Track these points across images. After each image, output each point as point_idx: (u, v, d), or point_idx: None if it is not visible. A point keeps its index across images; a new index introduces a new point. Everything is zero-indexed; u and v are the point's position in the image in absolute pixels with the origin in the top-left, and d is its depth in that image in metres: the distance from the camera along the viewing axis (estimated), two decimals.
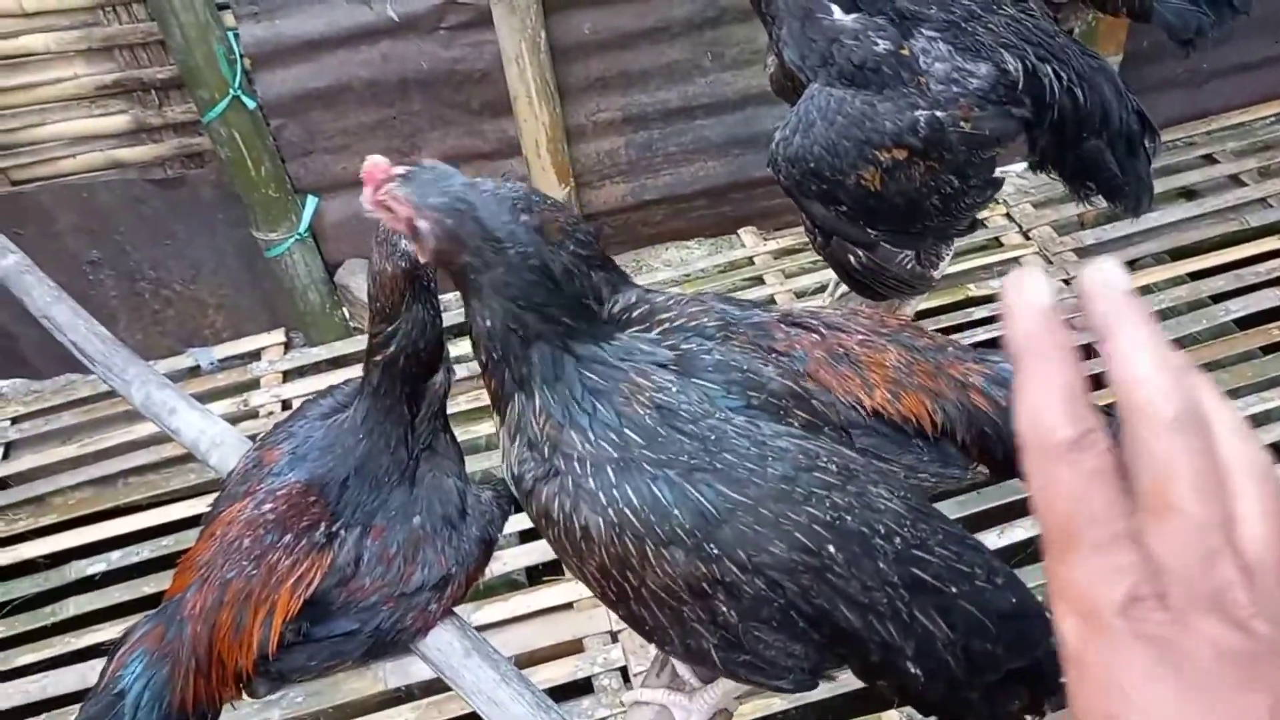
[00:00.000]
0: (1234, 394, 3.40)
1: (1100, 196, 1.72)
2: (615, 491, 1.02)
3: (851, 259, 1.72)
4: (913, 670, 1.07)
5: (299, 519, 1.54)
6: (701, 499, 1.01)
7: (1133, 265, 3.95)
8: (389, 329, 1.50)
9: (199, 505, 3.40)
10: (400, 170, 1.08)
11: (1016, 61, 1.53)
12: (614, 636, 3.01)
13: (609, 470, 1.03)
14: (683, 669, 1.53)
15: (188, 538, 3.30)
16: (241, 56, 3.27)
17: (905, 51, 1.54)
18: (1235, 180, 4.12)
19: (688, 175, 3.85)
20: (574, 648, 3.03)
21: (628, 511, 1.01)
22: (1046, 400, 0.50)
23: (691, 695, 1.46)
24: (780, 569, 1.01)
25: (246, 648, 1.47)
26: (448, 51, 3.45)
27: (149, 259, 3.72)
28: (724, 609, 1.02)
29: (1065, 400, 0.50)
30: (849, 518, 1.03)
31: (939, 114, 1.53)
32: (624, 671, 2.93)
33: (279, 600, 1.50)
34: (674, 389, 1.07)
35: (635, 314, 1.19)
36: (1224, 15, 1.98)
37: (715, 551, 1.00)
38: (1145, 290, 3.80)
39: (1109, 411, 0.57)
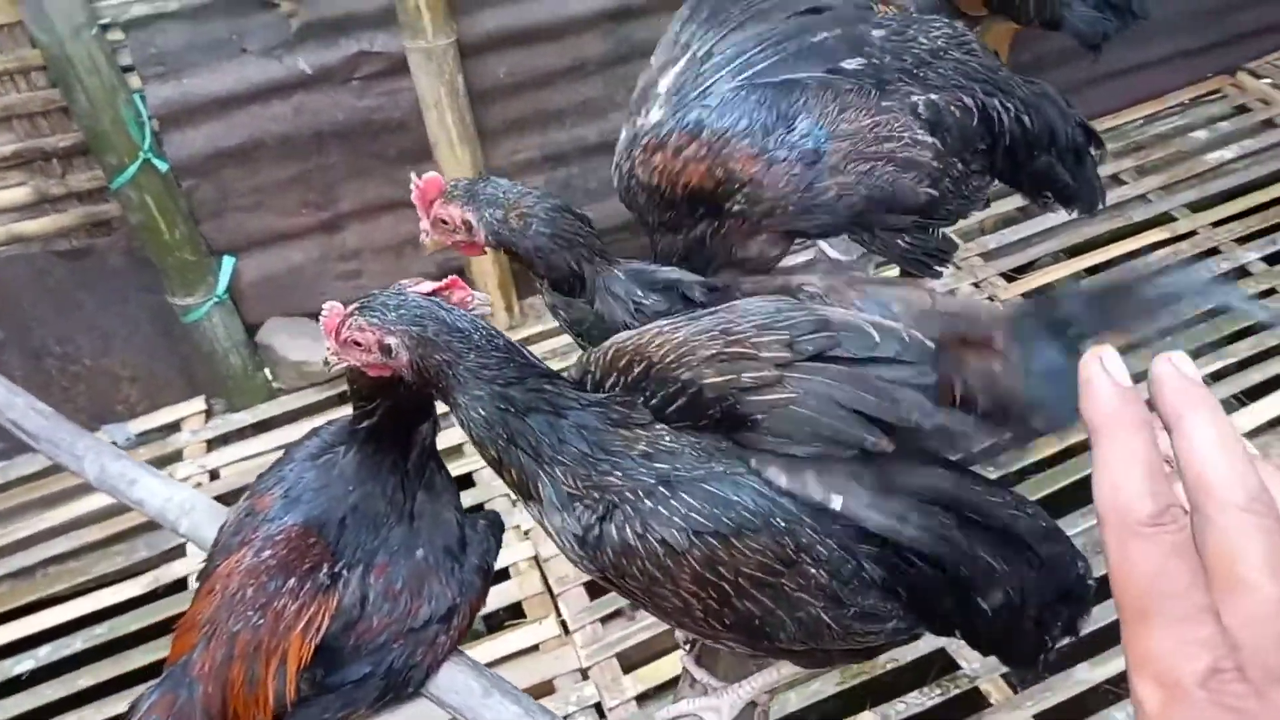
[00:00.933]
0: (1138, 379, 3.60)
1: (1057, 203, 1.82)
2: (674, 502, 1.05)
3: None
4: (981, 606, 1.11)
5: (301, 561, 1.49)
6: (755, 486, 1.05)
7: (1033, 265, 4.17)
8: (369, 406, 1.49)
9: (130, 589, 3.24)
10: (353, 306, 1.18)
11: (968, 98, 1.61)
12: (585, 674, 2.97)
13: (660, 490, 1.06)
14: (701, 674, 1.53)
15: (123, 624, 3.14)
16: (150, 118, 3.18)
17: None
18: (1116, 179, 4.40)
19: (609, 209, 3.88)
20: (545, 689, 2.97)
21: (694, 515, 1.04)
22: (1127, 476, 0.52)
23: (719, 694, 1.46)
24: (849, 535, 1.04)
25: (263, 701, 1.40)
26: (363, 101, 3.43)
27: (55, 334, 3.55)
28: (814, 571, 1.06)
29: (1146, 476, 0.52)
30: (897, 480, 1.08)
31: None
32: (599, 708, 2.90)
33: (290, 648, 1.44)
34: (668, 439, 1.11)
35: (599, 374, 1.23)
36: (1126, 20, 2.14)
37: (783, 524, 1.04)
38: (1048, 287, 4.02)
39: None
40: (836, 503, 1.04)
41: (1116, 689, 2.76)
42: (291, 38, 3.27)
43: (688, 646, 1.56)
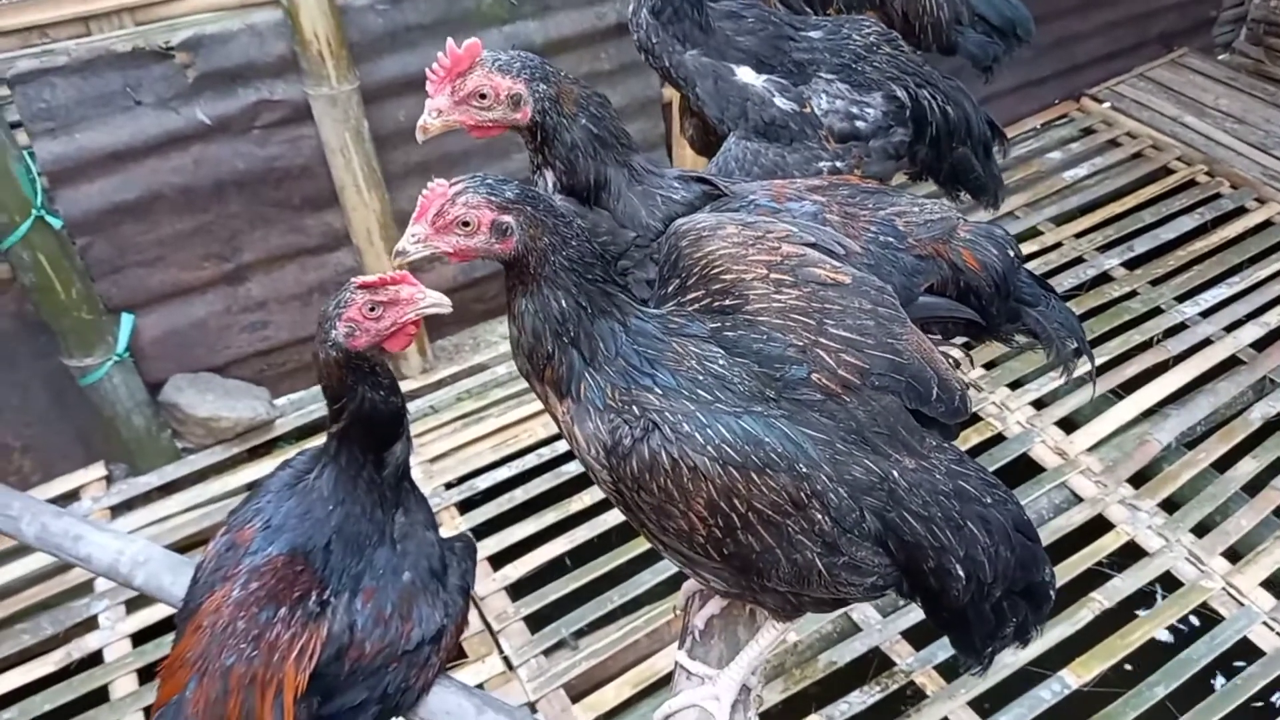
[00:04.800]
0: (1018, 384, 3.86)
1: (969, 195, 1.98)
2: (710, 431, 1.11)
3: None
4: (959, 571, 1.21)
5: (290, 590, 1.48)
6: (785, 430, 1.13)
7: None
8: (336, 406, 1.50)
9: (40, 668, 3.05)
10: (458, 184, 1.13)
11: (902, 90, 1.77)
12: (533, 707, 2.95)
13: (699, 415, 1.12)
14: (697, 666, 1.58)
15: (34, 705, 2.96)
16: (40, 174, 3.06)
17: (808, 110, 1.75)
18: None
19: None
20: None
21: (725, 447, 1.11)
22: None
23: (715, 681, 1.51)
24: (858, 488, 1.13)
25: None
26: (264, 150, 3.39)
27: None
28: (820, 517, 1.14)
29: None
30: (904, 453, 1.17)
31: (839, 164, 1.74)
32: None
33: (286, 678, 1.43)
34: (721, 362, 1.17)
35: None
36: (1011, 44, 2.36)
37: (805, 470, 1.12)
38: None
39: None
40: None
41: (1041, 669, 2.92)
42: (188, 89, 3.22)
43: (684, 643, 1.60)
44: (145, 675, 3.01)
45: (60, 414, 3.52)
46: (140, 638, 3.13)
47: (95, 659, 3.08)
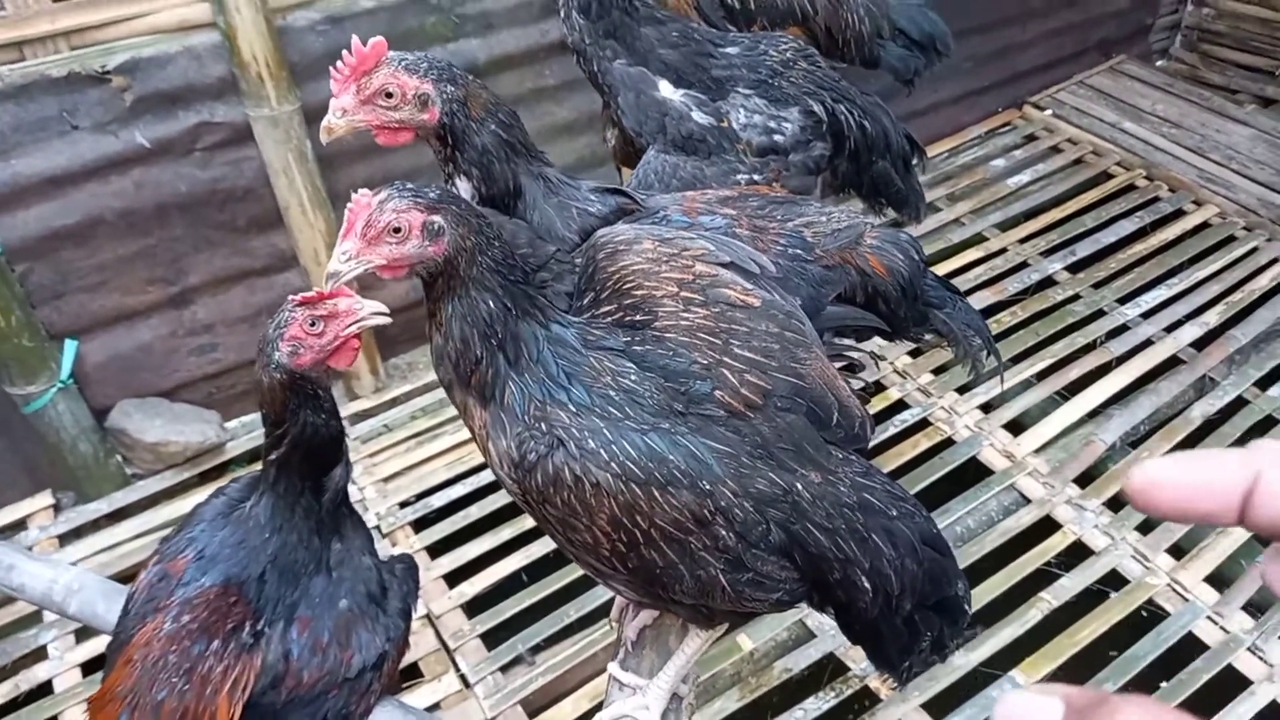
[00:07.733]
0: (966, 388, 3.91)
1: (890, 208, 2.02)
2: (614, 448, 1.13)
3: None
4: (864, 584, 1.23)
5: (223, 622, 1.47)
6: (690, 447, 1.14)
7: None
8: (278, 432, 1.50)
9: None
10: (380, 193, 1.13)
11: (819, 105, 1.80)
12: None
13: (605, 432, 1.14)
14: (629, 677, 1.59)
15: None
16: None
17: (725, 124, 1.78)
18: (931, 206, 4.78)
19: None
20: None
21: (629, 464, 1.12)
22: None
23: (644, 692, 1.53)
24: (763, 500, 1.15)
25: None
26: (206, 172, 3.37)
27: None
28: (724, 533, 1.15)
29: None
30: (810, 468, 1.19)
31: (756, 177, 1.77)
32: None
33: (219, 710, 1.42)
34: (633, 376, 1.18)
35: (566, 283, 1.30)
36: (931, 58, 2.41)
37: (708, 487, 1.14)
38: None
39: None
40: None
41: (991, 670, 2.96)
42: (126, 112, 3.19)
43: (617, 654, 1.61)
44: None
45: (4, 443, 3.47)
46: (90, 667, 3.08)
47: (45, 690, 3.03)
